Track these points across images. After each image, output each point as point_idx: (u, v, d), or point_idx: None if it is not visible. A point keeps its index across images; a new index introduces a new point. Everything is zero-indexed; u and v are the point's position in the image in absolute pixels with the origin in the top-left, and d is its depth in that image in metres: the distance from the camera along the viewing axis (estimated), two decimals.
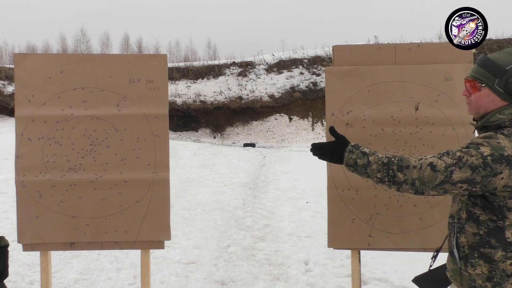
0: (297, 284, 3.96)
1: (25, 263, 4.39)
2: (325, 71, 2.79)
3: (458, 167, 1.48)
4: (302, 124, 21.14)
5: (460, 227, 1.64)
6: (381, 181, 1.59)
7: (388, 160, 1.59)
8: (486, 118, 1.65)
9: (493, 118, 1.63)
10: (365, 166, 1.62)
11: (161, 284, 3.98)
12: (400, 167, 1.55)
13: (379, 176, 1.59)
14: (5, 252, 2.05)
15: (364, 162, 1.63)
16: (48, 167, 2.66)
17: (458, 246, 1.64)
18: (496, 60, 1.62)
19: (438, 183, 1.50)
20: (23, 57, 2.72)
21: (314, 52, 23.62)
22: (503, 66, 1.60)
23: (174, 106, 20.21)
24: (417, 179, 1.51)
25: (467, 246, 1.61)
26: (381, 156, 1.62)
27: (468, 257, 1.60)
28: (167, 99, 2.76)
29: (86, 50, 39.08)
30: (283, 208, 6.90)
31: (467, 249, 1.60)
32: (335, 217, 2.71)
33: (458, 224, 1.65)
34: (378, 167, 1.59)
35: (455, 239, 1.66)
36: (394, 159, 1.58)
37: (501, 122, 1.60)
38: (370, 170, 1.61)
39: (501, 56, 1.64)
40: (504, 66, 1.59)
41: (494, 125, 1.62)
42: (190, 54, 37.45)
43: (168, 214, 2.73)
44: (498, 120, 1.61)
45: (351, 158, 1.67)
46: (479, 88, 1.65)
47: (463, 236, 1.63)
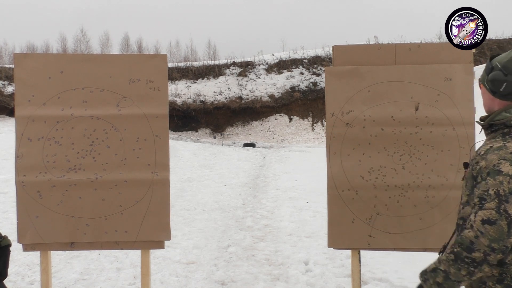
0: (297, 284, 3.96)
1: (25, 263, 4.39)
2: (325, 71, 2.79)
3: (506, 202, 1.44)
4: (302, 124, 21.14)
5: None
6: (472, 274, 1.48)
7: (453, 253, 1.49)
8: (492, 117, 1.64)
9: (499, 116, 1.62)
10: (446, 277, 1.51)
11: (161, 284, 3.98)
12: (468, 248, 1.45)
13: (464, 273, 1.47)
14: (6, 252, 2.04)
15: (443, 275, 1.52)
16: (48, 167, 2.66)
17: None
18: (492, 58, 1.65)
19: (508, 229, 1.41)
20: (23, 57, 2.72)
21: (314, 52, 23.63)
22: (491, 63, 1.63)
23: (174, 106, 20.21)
24: (491, 242, 1.42)
25: None
26: (444, 257, 1.52)
27: None
28: (167, 99, 2.76)
29: (86, 50, 39.10)
30: (283, 208, 6.90)
31: None
32: (335, 217, 2.71)
33: None
34: (455, 267, 1.49)
35: None
36: (455, 248, 1.49)
37: (507, 121, 1.59)
38: (454, 276, 1.50)
39: (499, 55, 1.66)
40: (491, 63, 1.62)
41: (500, 123, 1.61)
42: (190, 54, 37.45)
43: (168, 214, 2.73)
44: (504, 118, 1.60)
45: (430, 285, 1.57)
46: (481, 86, 1.70)
47: None
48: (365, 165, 2.69)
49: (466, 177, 1.68)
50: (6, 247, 2.05)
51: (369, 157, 2.69)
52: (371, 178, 2.68)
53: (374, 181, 2.67)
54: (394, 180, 2.67)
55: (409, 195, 2.66)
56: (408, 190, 2.66)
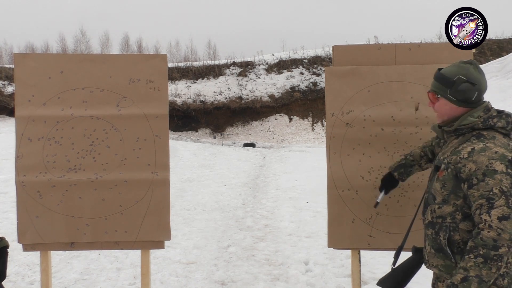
0: (297, 284, 3.96)
1: (25, 263, 4.39)
2: (325, 71, 2.80)
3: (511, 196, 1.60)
4: (302, 124, 21.13)
5: (454, 227, 1.78)
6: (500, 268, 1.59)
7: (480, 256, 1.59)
8: (458, 122, 1.82)
9: (466, 121, 1.81)
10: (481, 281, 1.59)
11: (161, 284, 3.98)
12: (494, 247, 1.58)
13: (494, 270, 1.58)
14: (4, 253, 2.04)
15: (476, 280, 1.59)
16: (48, 167, 2.66)
17: (451, 244, 1.78)
18: (445, 73, 1.85)
19: None
20: (23, 57, 2.72)
21: (314, 52, 23.62)
22: (451, 78, 1.82)
23: (174, 106, 20.20)
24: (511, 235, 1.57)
25: (461, 242, 1.76)
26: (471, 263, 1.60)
27: (464, 252, 1.71)
28: (167, 99, 2.76)
29: (86, 50, 39.03)
30: (283, 208, 6.89)
31: (462, 245, 1.76)
32: (335, 217, 2.71)
33: (452, 223, 1.79)
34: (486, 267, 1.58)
35: (446, 238, 1.79)
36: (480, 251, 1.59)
37: (474, 124, 1.79)
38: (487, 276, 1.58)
39: (449, 69, 1.86)
40: (451, 78, 1.82)
41: (468, 127, 1.80)
42: (190, 54, 37.38)
43: (168, 214, 2.73)
44: (471, 122, 1.79)
45: None
46: (437, 98, 1.89)
47: (457, 234, 1.77)
48: (365, 165, 2.69)
49: (440, 178, 1.83)
50: (4, 249, 2.05)
51: (369, 157, 2.69)
52: (371, 178, 2.68)
53: (374, 181, 2.67)
54: None
55: (409, 195, 2.66)
56: (408, 190, 2.66)
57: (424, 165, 2.33)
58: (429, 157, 2.28)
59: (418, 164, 2.33)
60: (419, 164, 2.32)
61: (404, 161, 2.35)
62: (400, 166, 2.36)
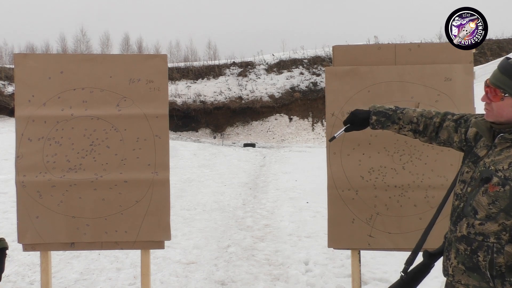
0: (297, 284, 3.96)
1: (25, 263, 4.39)
2: (325, 71, 2.79)
3: None
4: (302, 124, 21.14)
5: (499, 248, 1.53)
6: None
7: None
8: None
9: None
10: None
11: (161, 284, 3.97)
12: None
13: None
14: (2, 255, 2.03)
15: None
16: (48, 167, 2.66)
17: (492, 266, 1.54)
18: None
19: None
20: (23, 57, 2.72)
21: (314, 52, 23.64)
22: None
23: (174, 106, 20.21)
24: None
25: (504, 266, 1.52)
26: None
27: (505, 276, 1.52)
28: (167, 99, 2.76)
29: (86, 50, 39.05)
30: (283, 208, 6.89)
31: (504, 268, 1.52)
32: (335, 217, 2.71)
33: (497, 244, 1.53)
34: None
35: (489, 259, 1.54)
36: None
37: None
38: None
39: None
40: None
41: None
42: (190, 54, 37.42)
43: (168, 214, 2.73)
44: None
45: None
46: (502, 97, 1.51)
47: (501, 257, 1.52)
48: (365, 165, 2.69)
49: (491, 194, 1.53)
50: (3, 250, 2.04)
51: (369, 157, 2.69)
52: (371, 178, 2.68)
53: (374, 181, 2.67)
54: (394, 180, 2.67)
55: (409, 195, 2.66)
56: (408, 190, 2.66)
57: (405, 131, 1.96)
58: (419, 129, 1.92)
59: (400, 126, 1.95)
60: (401, 126, 1.95)
61: (392, 112, 1.97)
62: (384, 114, 1.98)
